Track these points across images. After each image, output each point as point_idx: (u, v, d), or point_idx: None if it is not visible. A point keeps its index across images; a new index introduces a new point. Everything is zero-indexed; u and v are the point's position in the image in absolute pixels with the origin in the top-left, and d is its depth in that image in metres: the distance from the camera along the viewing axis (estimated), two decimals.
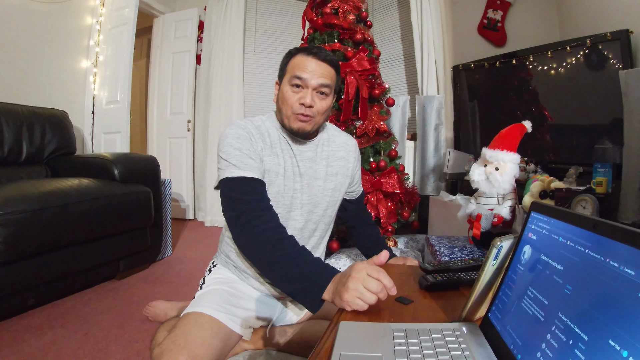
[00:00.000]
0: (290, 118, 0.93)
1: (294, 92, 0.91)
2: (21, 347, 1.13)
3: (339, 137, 1.09)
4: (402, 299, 0.68)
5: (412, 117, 2.84)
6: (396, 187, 1.89)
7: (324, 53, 0.92)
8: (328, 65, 0.93)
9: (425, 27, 2.69)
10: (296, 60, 0.92)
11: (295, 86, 0.91)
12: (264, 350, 1.03)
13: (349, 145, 1.10)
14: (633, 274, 0.30)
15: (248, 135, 0.93)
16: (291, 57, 0.94)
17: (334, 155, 1.06)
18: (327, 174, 1.03)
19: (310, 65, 0.90)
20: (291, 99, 0.91)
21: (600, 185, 1.30)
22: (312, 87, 0.91)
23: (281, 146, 0.98)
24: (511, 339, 0.43)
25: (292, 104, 0.91)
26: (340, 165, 1.06)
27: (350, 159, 1.09)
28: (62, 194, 1.42)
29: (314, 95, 0.91)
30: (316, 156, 1.02)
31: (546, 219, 0.46)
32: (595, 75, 1.90)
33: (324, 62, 0.92)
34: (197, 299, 0.95)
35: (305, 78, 0.90)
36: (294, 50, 0.95)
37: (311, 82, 0.90)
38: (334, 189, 1.04)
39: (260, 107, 3.37)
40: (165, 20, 3.44)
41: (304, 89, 0.91)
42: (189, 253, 2.28)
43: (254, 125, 0.97)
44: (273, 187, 0.95)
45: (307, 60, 0.91)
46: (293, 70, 0.91)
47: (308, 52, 0.92)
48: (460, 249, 1.30)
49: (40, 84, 2.39)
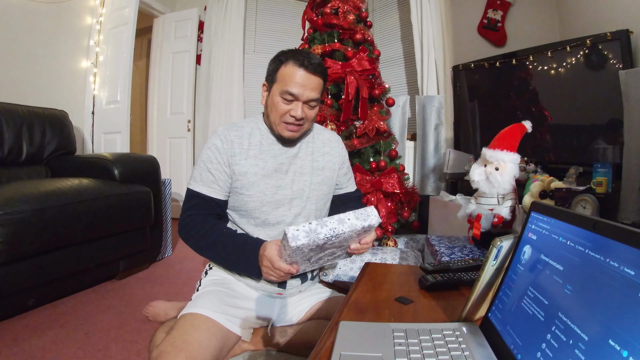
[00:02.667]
0: (279, 126, 0.98)
1: (284, 104, 0.95)
2: (21, 347, 1.13)
3: (322, 134, 1.13)
4: (402, 299, 0.68)
5: (412, 117, 2.84)
6: (396, 187, 1.89)
7: (314, 65, 0.94)
8: (317, 77, 0.95)
9: (425, 27, 2.69)
10: (287, 70, 0.94)
11: (287, 100, 0.94)
12: (264, 351, 1.03)
13: (332, 142, 1.14)
14: (633, 274, 0.30)
15: (223, 146, 0.99)
16: (281, 65, 0.95)
17: (319, 150, 1.09)
18: (313, 169, 1.06)
19: (302, 79, 0.93)
20: (282, 109, 0.95)
21: (600, 185, 1.30)
22: (303, 101, 0.94)
23: (262, 148, 1.02)
24: (511, 339, 0.43)
25: (282, 114, 0.95)
26: (326, 160, 1.10)
27: (335, 154, 1.12)
28: (62, 194, 1.42)
29: (304, 107, 0.95)
30: (299, 152, 1.05)
31: (546, 219, 0.46)
32: (595, 75, 1.90)
33: (314, 75, 0.94)
34: (194, 300, 0.95)
35: (297, 94, 0.93)
36: (284, 56, 0.96)
37: (302, 98, 0.94)
38: (321, 182, 1.08)
39: (260, 107, 3.35)
40: (165, 20, 3.44)
41: (294, 101, 0.94)
42: (189, 253, 2.27)
43: (236, 130, 1.02)
44: (254, 187, 0.99)
45: (297, 73, 0.92)
46: (284, 82, 0.93)
47: (299, 63, 0.93)
48: (460, 249, 1.29)
49: (40, 84, 2.39)
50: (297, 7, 3.43)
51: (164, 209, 2.08)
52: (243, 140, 1.01)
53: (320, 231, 0.73)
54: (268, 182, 1.00)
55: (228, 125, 1.04)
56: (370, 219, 0.79)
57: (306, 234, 0.72)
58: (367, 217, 0.78)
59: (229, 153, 0.99)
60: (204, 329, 0.85)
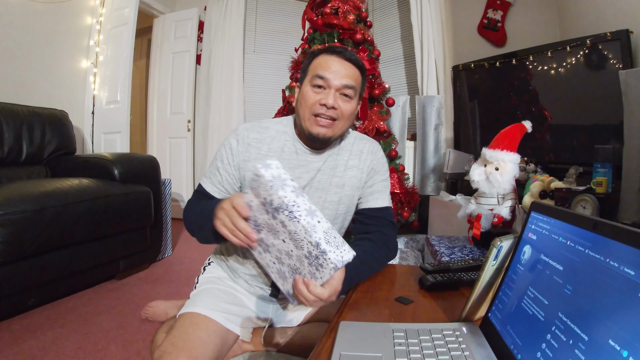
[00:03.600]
0: (308, 121, 0.86)
1: (314, 93, 0.85)
2: (21, 347, 1.13)
3: (356, 145, 0.98)
4: (402, 299, 0.68)
5: (412, 117, 2.84)
6: (396, 187, 1.89)
7: (349, 53, 0.87)
8: (353, 66, 0.87)
9: (425, 27, 2.69)
10: (319, 60, 0.87)
11: (317, 86, 0.85)
12: (264, 351, 1.03)
13: (364, 153, 0.97)
14: (633, 274, 0.30)
15: (237, 147, 0.91)
16: (314, 58, 0.89)
17: (343, 164, 0.95)
18: (330, 185, 0.94)
19: (334, 65, 0.84)
20: (311, 99, 0.84)
21: (600, 185, 1.30)
22: (335, 87, 0.84)
23: (282, 156, 0.91)
24: (511, 339, 0.43)
25: (312, 104, 0.84)
26: (349, 176, 0.95)
27: (363, 168, 0.97)
28: (62, 194, 1.42)
29: (337, 97, 0.84)
30: (323, 166, 0.93)
31: (546, 219, 0.46)
32: (595, 75, 1.90)
33: (349, 62, 0.86)
34: (192, 299, 0.95)
35: (328, 77, 0.83)
36: (317, 50, 0.90)
37: (334, 82, 0.83)
38: (337, 201, 0.95)
39: (260, 107, 3.37)
40: (165, 20, 3.44)
41: (325, 89, 0.84)
42: (189, 253, 2.27)
43: (258, 131, 0.92)
44: None
45: (330, 59, 0.85)
46: (315, 69, 0.85)
47: (332, 51, 0.86)
48: (460, 249, 1.30)
49: (40, 84, 2.39)
50: (297, 7, 3.43)
51: (164, 209, 2.08)
52: (262, 144, 0.91)
53: (284, 189, 0.60)
54: None
55: (251, 125, 0.93)
56: (337, 252, 0.56)
57: (272, 177, 0.61)
58: (338, 245, 0.57)
59: (242, 157, 0.90)
60: (204, 328, 0.85)
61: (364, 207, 0.98)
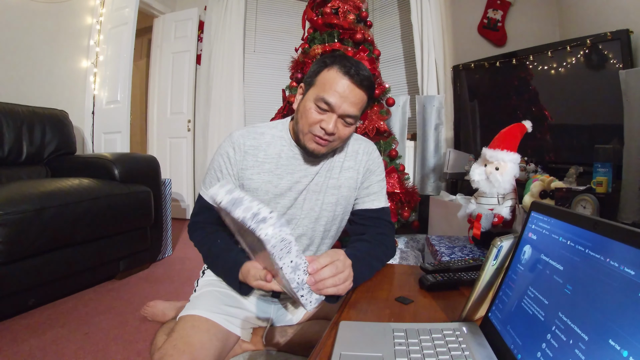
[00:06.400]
0: (306, 136, 0.86)
1: (317, 113, 0.83)
2: (21, 347, 1.13)
3: (352, 146, 0.98)
4: (402, 299, 0.68)
5: (412, 117, 2.84)
6: (396, 187, 1.89)
7: (361, 76, 0.82)
8: (362, 91, 0.83)
9: (425, 27, 2.69)
10: (329, 75, 0.82)
11: (321, 108, 0.83)
12: (264, 351, 1.03)
13: (360, 154, 0.98)
14: (633, 274, 0.30)
15: (235, 156, 0.91)
16: (325, 68, 0.84)
17: (338, 166, 0.96)
18: (327, 187, 0.94)
19: (343, 90, 0.81)
20: (312, 118, 0.83)
21: (601, 185, 1.30)
22: (339, 114, 0.82)
23: (279, 162, 0.91)
24: (511, 338, 0.43)
25: (312, 124, 0.83)
26: (345, 177, 0.96)
27: (359, 169, 0.97)
28: (62, 194, 1.42)
29: (337, 122, 0.83)
30: (320, 169, 0.94)
31: (546, 218, 0.46)
32: (595, 75, 1.90)
33: (359, 87, 0.82)
34: (192, 302, 0.95)
35: (334, 105, 0.81)
36: (330, 59, 0.85)
37: (338, 110, 0.81)
38: (335, 202, 0.95)
39: (260, 107, 3.37)
40: (165, 20, 3.44)
41: (328, 112, 0.83)
42: (189, 253, 2.27)
43: (254, 138, 0.92)
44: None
45: (341, 82, 0.81)
46: (323, 88, 0.82)
47: (345, 70, 0.81)
48: (460, 249, 1.29)
49: (40, 84, 2.39)
50: (297, 7, 3.43)
51: (164, 208, 2.08)
52: (258, 151, 0.91)
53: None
54: (279, 202, 0.91)
55: (246, 131, 0.92)
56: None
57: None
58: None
59: (240, 165, 0.90)
60: (204, 330, 0.84)
61: (361, 208, 0.99)
